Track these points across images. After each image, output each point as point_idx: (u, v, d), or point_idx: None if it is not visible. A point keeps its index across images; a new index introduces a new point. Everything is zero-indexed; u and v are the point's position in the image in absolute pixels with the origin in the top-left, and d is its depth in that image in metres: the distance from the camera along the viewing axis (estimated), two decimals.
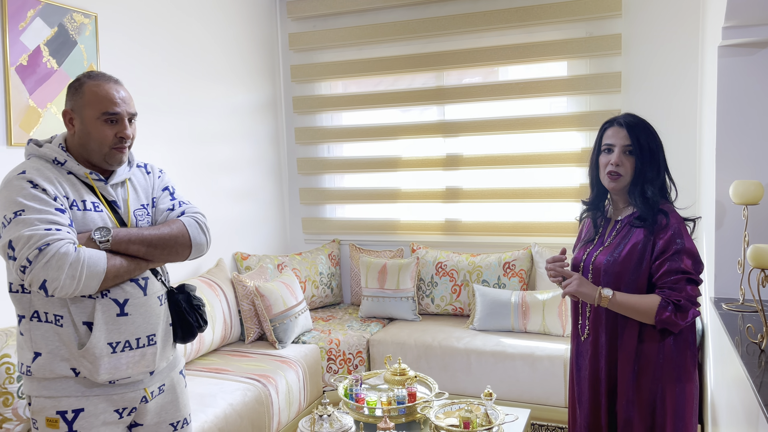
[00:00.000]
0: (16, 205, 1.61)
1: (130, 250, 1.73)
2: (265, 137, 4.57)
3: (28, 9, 2.71)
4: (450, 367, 3.60)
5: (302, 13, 4.54)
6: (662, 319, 1.86)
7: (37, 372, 1.70)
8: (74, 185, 1.75)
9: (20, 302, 1.72)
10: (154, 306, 1.81)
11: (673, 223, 1.94)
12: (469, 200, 4.32)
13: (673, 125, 3.83)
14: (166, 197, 1.96)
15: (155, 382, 1.87)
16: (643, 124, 2.03)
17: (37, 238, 1.57)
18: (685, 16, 3.69)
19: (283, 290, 3.74)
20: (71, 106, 1.77)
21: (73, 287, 1.60)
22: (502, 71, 4.26)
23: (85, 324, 1.70)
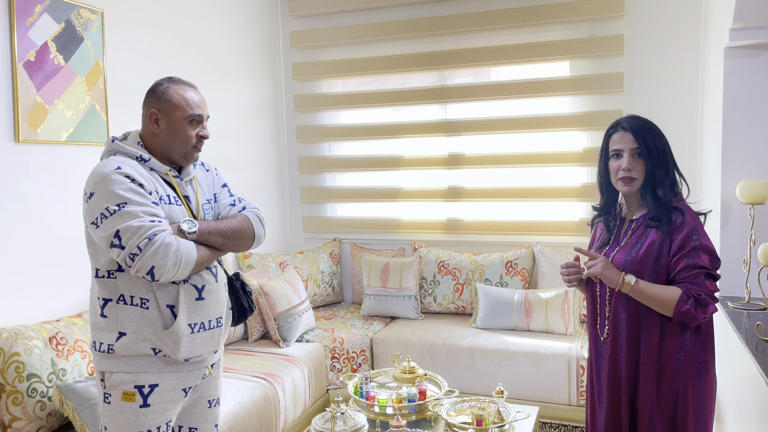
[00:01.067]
0: (118, 198, 1.75)
1: (210, 240, 1.91)
2: (267, 135, 4.56)
3: (36, 4, 2.69)
4: (454, 366, 3.61)
5: (304, 11, 4.53)
6: (682, 311, 1.87)
7: (120, 350, 1.83)
8: (158, 181, 1.90)
9: (107, 287, 1.84)
10: (222, 291, 1.99)
11: (689, 220, 1.95)
12: (471, 199, 4.33)
13: (674, 125, 3.86)
14: (225, 193, 2.14)
15: (214, 360, 2.03)
16: (648, 125, 2.04)
17: (145, 228, 1.72)
18: (687, 17, 3.73)
19: (287, 289, 3.74)
20: (158, 107, 1.92)
21: (173, 273, 1.77)
22: (505, 71, 4.27)
23: (168, 307, 1.85)
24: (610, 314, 2.05)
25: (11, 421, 2.34)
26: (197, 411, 2.05)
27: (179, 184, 1.96)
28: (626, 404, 2.01)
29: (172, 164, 1.98)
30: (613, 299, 2.05)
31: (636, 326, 1.99)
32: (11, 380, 2.34)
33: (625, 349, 2.01)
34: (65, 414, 2.39)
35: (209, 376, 2.03)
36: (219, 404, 2.13)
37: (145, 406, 1.85)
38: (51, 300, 2.79)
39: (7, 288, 2.61)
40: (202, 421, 2.06)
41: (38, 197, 2.73)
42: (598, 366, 2.11)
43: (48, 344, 2.49)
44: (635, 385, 2.01)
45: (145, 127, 1.95)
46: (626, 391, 2.01)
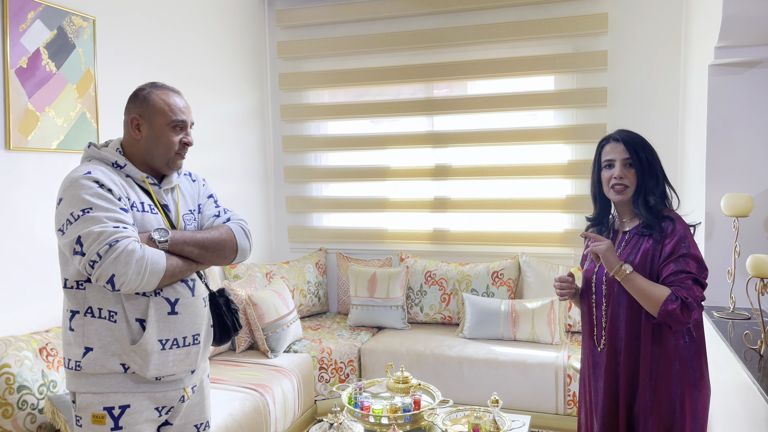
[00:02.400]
0: (84, 203, 1.68)
1: (184, 251, 1.81)
2: (253, 145, 4.55)
3: (29, 11, 2.65)
4: (442, 375, 3.63)
5: (291, 21, 4.55)
6: (667, 310, 1.91)
7: (87, 367, 1.74)
8: (132, 187, 1.83)
9: (74, 298, 1.76)
10: (200, 307, 1.88)
11: (680, 229, 2.01)
12: (458, 210, 4.38)
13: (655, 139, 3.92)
14: (211, 204, 2.05)
15: (192, 382, 1.92)
16: (638, 138, 2.12)
17: (107, 234, 1.64)
18: (668, 35, 3.84)
19: (275, 299, 3.72)
20: (139, 112, 1.85)
21: (137, 283, 1.67)
22: (491, 84, 4.34)
23: (138, 321, 1.75)
24: (606, 325, 2.09)
25: None
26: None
27: (157, 191, 1.89)
28: (624, 414, 2.05)
29: (154, 172, 1.91)
30: (609, 310, 2.09)
31: (632, 337, 2.04)
32: (1, 392, 2.29)
33: (622, 358, 2.05)
34: (57, 426, 2.35)
35: (188, 400, 1.92)
36: (209, 427, 2.03)
37: (117, 429, 1.76)
38: (40, 310, 2.74)
39: None
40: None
41: (28, 205, 2.69)
42: (596, 377, 2.14)
43: (38, 355, 2.44)
44: (632, 394, 2.05)
45: (127, 133, 1.88)
46: (624, 400, 2.05)
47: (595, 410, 2.15)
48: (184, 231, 1.87)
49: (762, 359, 2.23)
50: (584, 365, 2.22)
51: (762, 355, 2.26)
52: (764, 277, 2.26)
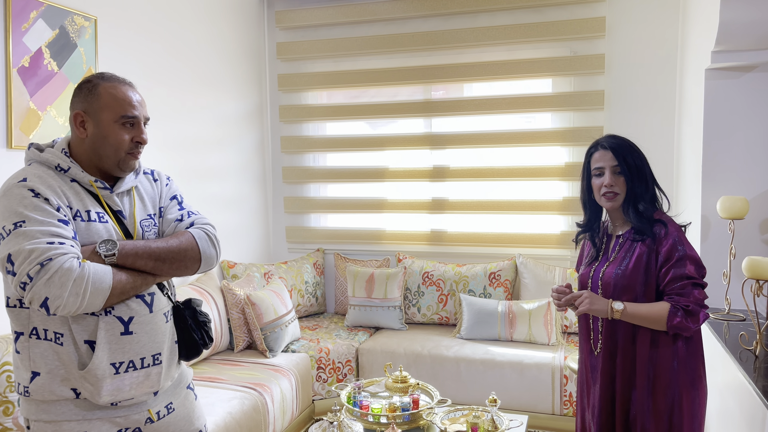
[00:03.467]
0: (17, 215, 1.50)
1: (137, 264, 1.61)
2: (251, 145, 4.56)
3: (32, 10, 2.66)
4: (440, 375, 3.65)
5: (291, 22, 4.57)
6: (674, 324, 1.95)
7: (35, 393, 1.58)
8: (78, 194, 1.63)
9: (18, 318, 1.59)
10: (160, 323, 1.69)
11: (672, 232, 2.04)
12: (455, 211, 4.40)
13: (651, 141, 3.99)
14: (174, 207, 1.83)
15: (160, 402, 1.73)
16: (626, 144, 2.13)
17: (38, 252, 1.45)
18: (666, 38, 3.88)
19: (273, 299, 3.74)
20: (84, 108, 1.65)
21: (76, 305, 1.48)
22: (489, 86, 4.36)
23: (87, 342, 1.57)
24: (603, 329, 2.12)
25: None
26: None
27: (107, 196, 1.67)
28: (621, 417, 2.08)
29: (106, 174, 1.70)
30: None
31: (630, 340, 2.07)
32: (2, 390, 2.30)
33: (618, 360, 2.08)
34: None
35: (157, 422, 1.71)
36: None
37: None
38: None
39: None
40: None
41: None
42: (594, 380, 2.17)
43: None
44: (628, 397, 2.07)
45: (72, 132, 1.67)
46: (621, 403, 2.08)
47: (591, 413, 2.17)
48: (136, 241, 1.65)
49: (757, 360, 2.26)
50: (582, 368, 2.25)
51: (757, 355, 2.29)
52: (760, 278, 2.29)
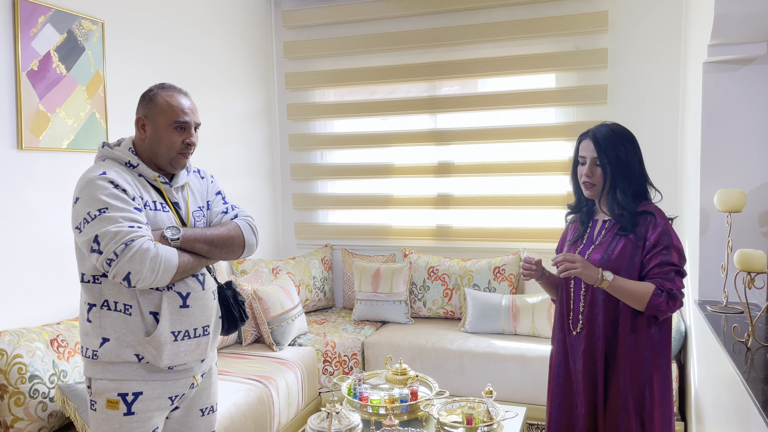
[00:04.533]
0: (100, 203, 1.75)
1: (195, 248, 1.89)
2: (260, 143, 4.64)
3: (39, 15, 2.76)
4: (443, 368, 3.70)
5: (297, 22, 4.63)
6: (655, 304, 2.02)
7: (103, 356, 1.83)
8: (145, 187, 1.90)
9: (91, 292, 1.85)
10: (209, 300, 1.97)
11: (660, 221, 2.11)
12: (460, 207, 4.44)
13: (655, 136, 4.00)
14: (219, 201, 2.13)
15: (202, 369, 2.01)
16: (613, 136, 2.15)
17: (122, 234, 1.72)
18: (668, 32, 3.88)
19: (280, 293, 3.81)
20: (144, 113, 1.93)
21: (151, 279, 1.75)
22: (493, 82, 4.39)
23: (152, 314, 1.84)
24: (585, 310, 2.18)
25: (13, 422, 2.39)
26: (189, 420, 2.04)
27: (168, 190, 1.95)
28: (602, 393, 2.14)
29: (162, 171, 1.97)
30: (588, 295, 2.18)
31: (610, 321, 2.13)
32: (14, 381, 2.40)
33: (600, 342, 2.14)
34: (67, 414, 2.45)
35: (197, 387, 2.01)
36: (214, 411, 2.12)
37: (129, 414, 1.85)
38: (51, 303, 2.85)
39: (9, 291, 2.67)
40: (195, 429, 2.05)
41: (40, 203, 2.80)
42: (573, 360, 2.22)
43: (49, 346, 2.55)
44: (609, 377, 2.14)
45: (136, 133, 1.96)
46: (601, 381, 2.14)
47: (576, 392, 2.22)
48: (194, 228, 1.94)
49: (749, 351, 2.27)
50: (558, 349, 2.29)
51: (749, 347, 2.31)
52: (751, 270, 2.30)
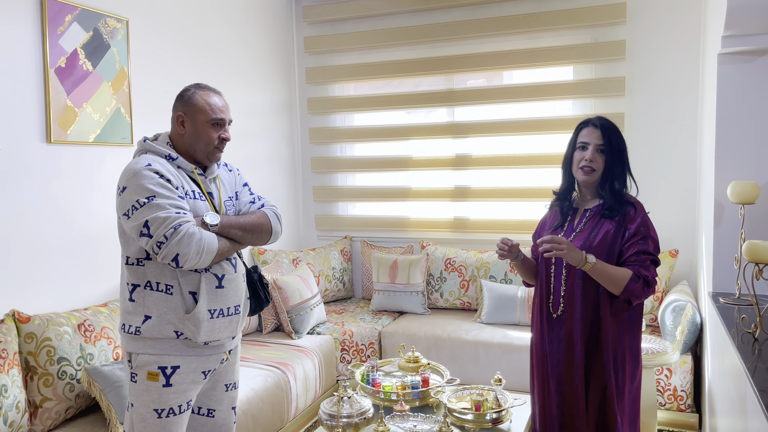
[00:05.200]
0: (148, 191, 1.90)
1: (230, 233, 2.06)
2: (281, 137, 4.74)
3: (66, 14, 2.88)
4: (459, 358, 3.76)
5: (317, 17, 4.71)
6: (631, 289, 2.12)
7: (145, 332, 1.98)
8: (183, 177, 2.06)
9: (135, 273, 2.00)
10: (240, 281, 2.14)
11: (641, 213, 2.22)
12: (477, 199, 4.48)
13: (674, 128, 3.98)
14: (246, 192, 2.30)
15: (231, 346, 2.17)
16: (614, 127, 2.28)
17: (171, 219, 1.88)
18: (687, 24, 3.85)
19: (299, 283, 3.91)
20: (184, 111, 2.08)
21: (196, 261, 1.91)
22: (510, 75, 4.41)
23: (191, 293, 2.00)
24: (565, 293, 2.25)
25: (42, 402, 2.52)
26: (215, 393, 2.18)
27: (203, 181, 2.12)
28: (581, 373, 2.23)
29: (197, 163, 2.13)
30: (569, 279, 2.25)
31: (590, 305, 2.22)
32: (43, 363, 2.53)
33: (579, 325, 2.22)
34: (93, 395, 2.58)
35: (227, 362, 2.17)
36: (236, 388, 2.26)
37: (168, 386, 1.99)
38: (79, 290, 2.98)
39: (39, 279, 2.80)
40: (219, 403, 2.20)
41: (67, 195, 2.93)
42: (551, 340, 2.29)
43: (77, 330, 2.68)
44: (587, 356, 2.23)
45: (174, 128, 2.11)
46: (580, 361, 2.23)
47: (551, 372, 2.29)
48: (229, 216, 2.10)
49: (756, 342, 2.29)
50: (537, 331, 2.36)
51: (756, 338, 2.32)
52: (760, 261, 2.31)
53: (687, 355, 3.42)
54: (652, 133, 4.05)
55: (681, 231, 4.02)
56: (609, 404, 2.21)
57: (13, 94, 2.67)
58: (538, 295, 2.38)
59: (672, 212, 4.03)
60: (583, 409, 2.25)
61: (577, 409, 2.26)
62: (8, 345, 2.43)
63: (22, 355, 2.50)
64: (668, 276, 3.81)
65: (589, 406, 2.24)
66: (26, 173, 2.73)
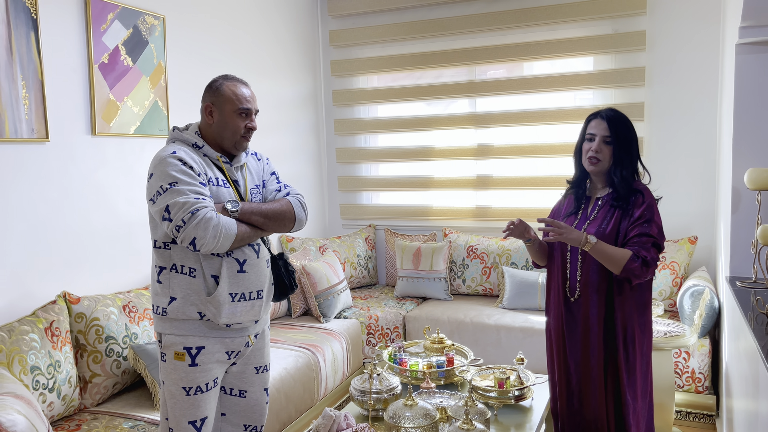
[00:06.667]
0: (171, 178, 1.98)
1: (251, 219, 2.10)
2: (307, 128, 4.88)
3: (108, 12, 3.03)
4: (481, 342, 3.88)
5: (342, 11, 4.83)
6: (630, 268, 2.21)
7: (171, 313, 2.07)
8: (209, 165, 2.13)
9: (162, 256, 2.09)
10: (263, 267, 2.18)
11: (648, 199, 2.32)
12: (499, 188, 4.59)
13: (693, 117, 4.05)
14: (273, 180, 2.36)
15: (256, 330, 2.23)
16: (622, 118, 2.37)
17: (189, 204, 1.95)
18: (707, 14, 3.91)
19: (326, 269, 4.06)
20: (212, 101, 2.15)
21: (213, 245, 1.97)
22: (532, 66, 4.50)
23: (213, 277, 2.07)
24: (581, 278, 2.38)
25: (91, 377, 2.70)
26: (246, 376, 2.26)
27: (228, 169, 2.17)
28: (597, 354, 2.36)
29: (225, 152, 2.19)
30: (584, 265, 2.37)
31: (603, 288, 2.34)
32: (92, 341, 2.71)
33: (596, 308, 2.35)
34: (138, 371, 2.75)
35: (252, 345, 2.22)
36: (267, 370, 2.33)
37: (194, 365, 2.07)
38: (122, 273, 3.16)
39: (85, 262, 2.98)
40: (251, 385, 2.27)
41: (111, 184, 3.10)
42: (568, 323, 2.42)
43: (122, 311, 2.85)
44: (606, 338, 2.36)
45: (202, 118, 2.18)
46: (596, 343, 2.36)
47: (570, 353, 2.42)
48: (251, 203, 2.16)
49: None
50: (556, 315, 2.49)
51: None
52: None
53: (705, 339, 3.51)
54: (672, 123, 4.12)
55: (700, 218, 4.09)
56: (621, 379, 2.34)
57: (62, 89, 2.84)
58: (555, 281, 2.50)
59: (691, 200, 4.10)
60: (601, 389, 2.38)
61: (594, 389, 2.39)
62: (61, 324, 2.61)
63: (72, 333, 2.68)
64: (687, 262, 3.88)
65: (607, 384, 2.36)
66: (73, 163, 2.90)
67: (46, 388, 2.44)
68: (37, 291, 2.74)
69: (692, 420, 3.51)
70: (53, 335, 2.55)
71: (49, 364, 2.47)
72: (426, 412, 2.35)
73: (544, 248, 2.57)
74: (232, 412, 2.29)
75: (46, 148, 2.76)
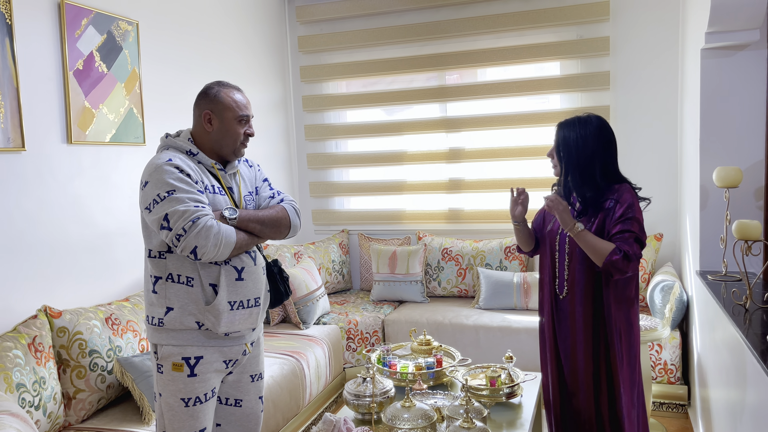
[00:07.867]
0: (168, 186, 1.95)
1: (249, 227, 2.09)
2: (277, 134, 4.85)
3: (83, 18, 2.96)
4: (460, 342, 3.93)
5: (310, 17, 4.83)
6: (612, 260, 2.29)
7: (168, 324, 2.03)
8: (204, 173, 2.10)
9: (157, 266, 2.05)
10: (260, 274, 2.17)
11: (628, 198, 2.40)
12: (471, 190, 4.66)
13: (656, 118, 4.22)
14: (266, 187, 2.34)
15: (252, 338, 2.21)
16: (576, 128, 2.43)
17: (190, 213, 1.92)
18: (667, 20, 4.08)
19: (305, 275, 4.04)
20: (210, 108, 2.12)
21: (214, 253, 1.95)
22: (501, 71, 4.60)
23: (211, 285, 2.04)
24: (568, 276, 2.47)
25: (75, 393, 2.61)
26: (241, 385, 2.23)
27: (224, 176, 2.15)
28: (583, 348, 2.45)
29: (219, 159, 2.16)
30: (571, 264, 2.46)
31: (589, 286, 2.43)
32: (75, 356, 2.62)
33: (581, 306, 2.44)
34: (125, 384, 2.68)
35: (249, 353, 2.20)
36: (262, 378, 2.31)
37: (192, 376, 2.04)
38: (100, 286, 3.07)
39: (64, 275, 2.88)
40: (246, 394, 2.25)
41: (87, 193, 3.01)
42: (559, 319, 2.52)
43: (105, 324, 2.77)
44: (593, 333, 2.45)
45: (198, 125, 2.14)
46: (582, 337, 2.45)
47: (561, 348, 2.52)
48: (248, 210, 2.15)
49: (747, 312, 2.50)
50: (548, 311, 2.57)
51: (747, 308, 2.53)
52: (748, 239, 2.53)
53: (675, 332, 3.65)
54: (635, 125, 4.28)
55: (664, 216, 4.25)
56: (612, 372, 2.43)
57: (37, 96, 2.75)
58: (546, 279, 2.59)
59: (656, 199, 4.26)
60: (590, 381, 2.46)
61: (583, 382, 2.47)
62: (44, 339, 2.52)
63: (55, 348, 2.59)
64: (654, 258, 4.03)
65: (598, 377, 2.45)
66: (50, 173, 2.81)
67: (32, 406, 2.36)
68: (16, 305, 2.64)
69: (665, 410, 3.65)
70: (36, 351, 2.46)
71: (34, 381, 2.39)
72: (424, 413, 2.38)
73: (532, 234, 2.68)
74: (227, 422, 2.25)
75: (22, 158, 2.67)
